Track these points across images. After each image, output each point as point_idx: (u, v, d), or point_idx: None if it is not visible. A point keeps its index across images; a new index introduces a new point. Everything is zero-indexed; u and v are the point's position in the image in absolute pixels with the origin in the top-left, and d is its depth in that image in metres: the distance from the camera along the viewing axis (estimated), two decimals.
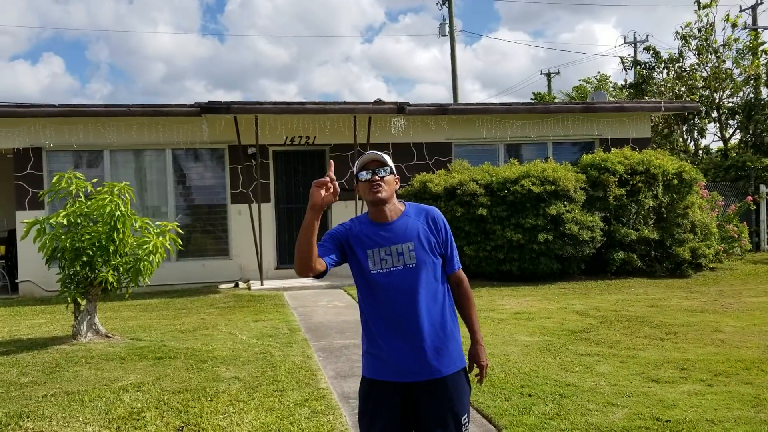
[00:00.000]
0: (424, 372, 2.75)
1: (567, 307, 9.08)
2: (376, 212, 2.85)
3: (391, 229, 2.83)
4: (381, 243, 2.81)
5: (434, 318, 2.78)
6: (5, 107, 12.04)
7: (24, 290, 11.85)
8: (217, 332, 8.00)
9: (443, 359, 2.78)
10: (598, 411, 4.78)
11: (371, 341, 2.83)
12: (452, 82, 27.96)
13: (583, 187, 11.75)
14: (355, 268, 2.87)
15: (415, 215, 2.89)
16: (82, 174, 7.75)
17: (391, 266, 2.78)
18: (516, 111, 13.77)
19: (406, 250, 2.79)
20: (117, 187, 7.40)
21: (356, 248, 2.83)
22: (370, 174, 2.81)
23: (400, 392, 2.76)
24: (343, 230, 2.89)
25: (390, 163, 2.87)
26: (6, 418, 4.97)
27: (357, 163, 2.88)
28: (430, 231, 2.86)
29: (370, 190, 2.81)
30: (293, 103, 12.34)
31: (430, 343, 2.75)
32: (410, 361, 2.74)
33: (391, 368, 2.76)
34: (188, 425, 4.75)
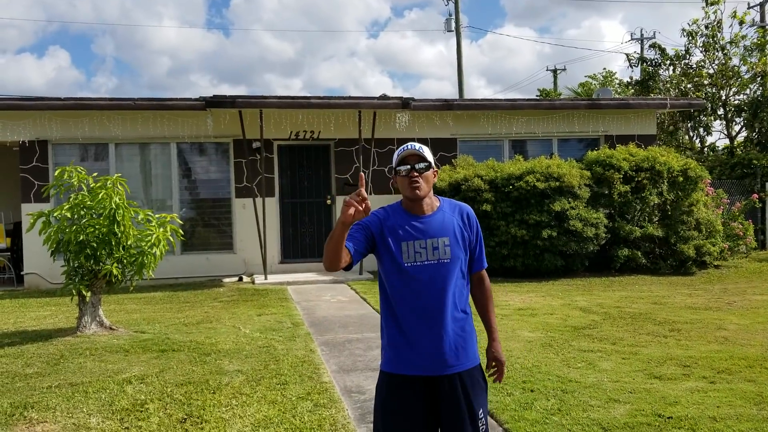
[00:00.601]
0: (446, 367, 2.76)
1: (570, 303, 9.08)
2: (413, 205, 2.84)
3: (428, 223, 2.82)
4: (417, 236, 2.79)
5: (459, 314, 2.81)
6: (11, 100, 12.07)
7: (29, 282, 11.90)
8: (221, 326, 8.03)
9: (463, 355, 2.80)
10: (600, 407, 4.78)
11: (396, 334, 2.81)
12: (458, 78, 27.92)
13: (587, 184, 11.73)
14: (387, 260, 2.82)
15: (450, 210, 2.89)
16: (83, 168, 7.76)
17: (426, 260, 2.77)
18: (521, 107, 13.75)
19: (442, 244, 2.79)
20: (110, 180, 7.42)
21: (390, 240, 2.80)
22: (409, 169, 2.78)
23: (423, 387, 2.76)
24: (376, 221, 2.85)
25: (429, 156, 2.83)
26: (11, 408, 5.01)
27: (395, 156, 2.84)
28: (463, 227, 2.86)
29: (409, 186, 2.79)
30: (298, 97, 12.33)
31: (453, 338, 2.77)
32: (434, 356, 2.75)
33: (415, 362, 2.76)
34: (191, 417, 4.78)
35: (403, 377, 2.77)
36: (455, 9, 28.04)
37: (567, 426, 4.42)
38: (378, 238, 2.82)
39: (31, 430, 4.60)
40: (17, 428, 4.62)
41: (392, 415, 2.76)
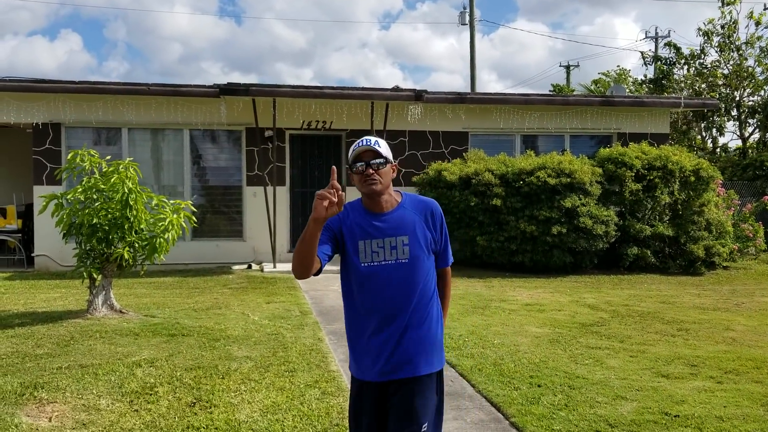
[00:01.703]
0: (397, 371, 2.66)
1: (578, 300, 9.07)
2: (370, 203, 2.72)
3: (386, 221, 2.69)
4: (374, 234, 2.67)
5: (421, 316, 2.68)
6: (25, 82, 12.11)
7: (39, 264, 11.99)
8: (230, 312, 8.07)
9: (422, 360, 2.68)
10: (606, 404, 4.79)
11: (354, 338, 2.73)
12: (470, 72, 27.83)
13: (599, 181, 11.69)
14: (344, 260, 2.72)
15: (412, 207, 2.75)
16: (96, 152, 7.79)
17: (383, 260, 2.65)
18: (534, 102, 13.71)
19: (400, 243, 2.66)
20: (122, 164, 7.45)
21: (347, 238, 2.69)
22: (364, 166, 2.65)
23: (379, 392, 2.70)
24: (336, 219, 2.72)
25: (386, 152, 2.69)
26: (21, 388, 5.06)
27: (351, 152, 2.69)
28: (426, 225, 2.73)
29: (365, 183, 2.66)
30: (311, 87, 12.34)
31: (409, 343, 2.65)
32: (388, 360, 2.65)
33: (372, 366, 2.67)
34: (200, 401, 4.82)
35: (364, 383, 2.72)
36: (470, 2, 27.92)
37: (574, 421, 4.44)
38: (338, 236, 2.71)
39: (41, 410, 4.65)
40: (27, 408, 4.67)
41: (357, 419, 2.73)
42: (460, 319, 7.75)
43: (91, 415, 4.54)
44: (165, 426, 4.35)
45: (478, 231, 11.62)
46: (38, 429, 4.29)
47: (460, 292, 9.67)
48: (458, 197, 11.67)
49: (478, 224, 11.65)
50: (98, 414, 4.56)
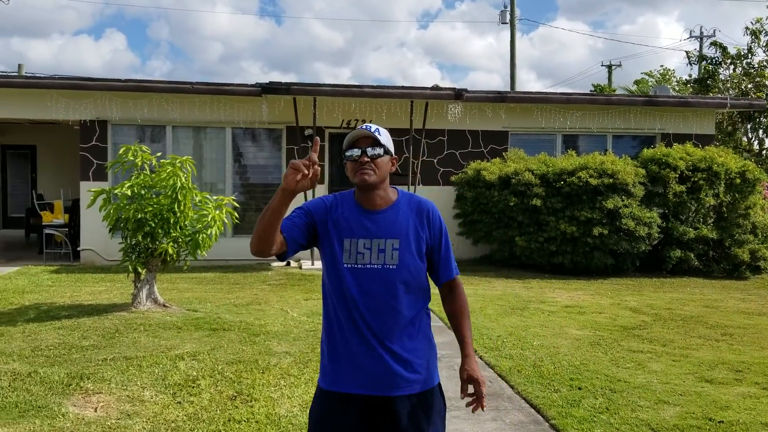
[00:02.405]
0: (390, 387, 2.36)
1: (620, 303, 8.95)
2: (362, 197, 2.44)
3: (377, 220, 2.41)
4: (361, 233, 2.39)
5: (408, 327, 2.40)
6: (74, 80, 12.40)
7: (85, 258, 12.28)
8: (269, 308, 8.16)
9: (413, 375, 2.39)
10: (649, 408, 4.72)
11: (333, 346, 2.43)
12: (510, 71, 27.63)
13: (642, 182, 11.50)
14: (327, 256, 2.43)
15: (407, 207, 2.46)
16: (147, 147, 7.95)
17: (368, 262, 2.36)
18: (576, 101, 13.55)
19: (390, 247, 2.38)
20: (179, 160, 7.58)
21: (333, 232, 2.41)
22: (359, 153, 2.37)
23: (363, 406, 2.38)
24: (322, 207, 2.45)
25: (385, 141, 2.41)
26: (68, 378, 5.19)
27: (346, 139, 2.41)
28: (421, 229, 2.44)
29: (357, 172, 2.37)
30: (351, 86, 12.40)
31: (403, 355, 2.38)
32: (376, 374, 2.36)
33: (353, 379, 2.37)
34: (241, 395, 4.89)
35: (340, 395, 2.38)
36: (511, 1, 27.71)
37: (615, 425, 4.38)
38: (320, 228, 2.42)
39: (87, 400, 4.77)
40: (74, 398, 4.79)
41: None
42: (498, 320, 7.71)
43: (136, 406, 4.64)
44: (207, 418, 4.42)
45: (517, 231, 11.53)
46: (84, 419, 4.40)
47: (498, 292, 9.61)
48: (497, 197, 11.61)
49: (517, 224, 11.56)
50: (142, 405, 4.66)
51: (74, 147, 13.33)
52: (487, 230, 12.00)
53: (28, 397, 4.77)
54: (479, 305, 8.56)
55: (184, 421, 4.37)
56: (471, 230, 12.41)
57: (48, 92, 12.06)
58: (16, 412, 4.49)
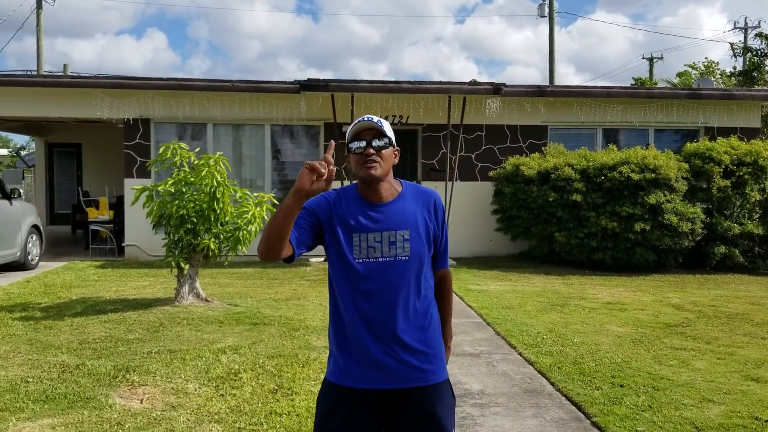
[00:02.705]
0: (405, 380, 2.34)
1: (662, 299, 8.80)
2: (368, 190, 2.39)
3: (385, 212, 2.38)
4: (371, 227, 2.35)
5: (422, 319, 2.39)
6: (118, 79, 12.67)
7: (129, 254, 12.55)
8: (308, 303, 8.24)
9: (427, 366, 2.37)
10: (693, 406, 4.65)
11: (344, 341, 2.38)
12: (549, 65, 27.33)
13: (685, 177, 11.28)
14: (334, 254, 2.39)
15: (413, 198, 2.44)
16: (186, 145, 8.09)
17: (380, 256, 2.34)
18: (617, 95, 13.34)
19: (401, 238, 2.35)
20: (213, 158, 7.69)
21: (339, 230, 2.37)
22: (364, 145, 2.34)
23: (375, 401, 2.34)
24: (325, 205, 2.40)
25: (389, 132, 2.38)
26: (114, 370, 5.33)
27: (349, 130, 2.38)
28: (429, 218, 2.42)
29: (363, 165, 2.33)
30: (389, 82, 12.41)
31: (417, 347, 2.35)
32: (390, 368, 2.32)
33: (365, 374, 2.34)
34: (282, 388, 4.95)
35: (349, 390, 2.34)
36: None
37: (658, 423, 4.32)
38: (326, 226, 2.39)
39: (133, 392, 4.88)
40: (120, 390, 4.92)
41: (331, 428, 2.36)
42: (537, 316, 7.66)
43: (180, 398, 4.74)
44: (249, 411, 4.50)
45: (557, 227, 11.42)
46: (130, 410, 4.51)
47: (538, 289, 9.54)
48: (536, 192, 11.51)
49: (556, 220, 11.45)
50: (186, 397, 4.76)
51: (118, 145, 13.62)
52: (526, 226, 11.91)
53: (77, 388, 4.91)
54: (518, 301, 8.51)
55: (227, 414, 4.45)
56: (509, 226, 12.32)
57: (93, 91, 12.34)
58: (65, 402, 4.62)
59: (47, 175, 19.10)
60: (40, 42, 25.67)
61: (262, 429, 4.19)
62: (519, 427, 4.34)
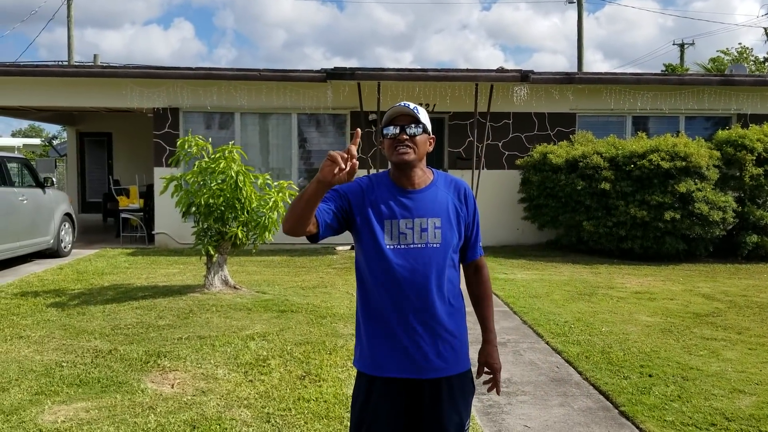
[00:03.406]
0: (431, 370, 2.36)
1: (692, 289, 8.69)
2: (400, 176, 2.40)
3: (417, 199, 2.39)
4: (403, 214, 2.36)
5: (448, 308, 2.39)
6: (147, 68, 12.80)
7: (159, 241, 12.72)
8: (335, 291, 8.29)
9: (452, 356, 2.39)
10: (723, 396, 4.60)
11: (373, 330, 2.39)
12: (577, 51, 26.96)
13: (716, 165, 11.09)
14: (365, 240, 2.38)
15: (444, 186, 2.45)
16: (210, 136, 8.15)
17: (411, 242, 2.34)
18: (647, 82, 13.13)
19: (432, 226, 2.36)
20: (227, 149, 7.75)
21: (372, 215, 2.36)
22: (398, 130, 2.34)
23: (403, 391, 2.36)
24: (358, 190, 2.40)
25: (424, 118, 2.39)
26: (146, 356, 5.43)
27: (385, 116, 2.39)
28: (460, 207, 2.44)
29: (396, 150, 2.34)
30: (415, 69, 12.36)
31: (441, 337, 2.36)
32: (417, 356, 2.34)
33: (395, 363, 2.35)
34: (309, 375, 5.01)
35: (381, 379, 2.36)
36: None
37: (687, 413, 4.29)
38: (357, 211, 2.38)
39: (164, 377, 4.97)
40: (152, 375, 5.01)
41: (370, 422, 2.37)
42: (565, 305, 7.62)
43: (210, 384, 4.81)
44: (278, 396, 4.55)
45: (585, 216, 11.32)
46: (162, 395, 4.59)
47: (565, 278, 9.48)
48: (564, 181, 11.41)
49: (584, 209, 11.34)
50: (216, 383, 4.83)
51: (148, 134, 13.79)
52: (554, 215, 11.82)
53: (109, 373, 5.01)
54: (545, 290, 8.47)
55: (256, 399, 4.51)
56: (536, 215, 12.25)
57: (123, 81, 12.49)
58: (98, 387, 4.73)
59: (79, 164, 19.42)
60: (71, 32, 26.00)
61: (291, 415, 4.24)
62: (546, 416, 4.33)
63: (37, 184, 10.82)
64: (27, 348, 5.68)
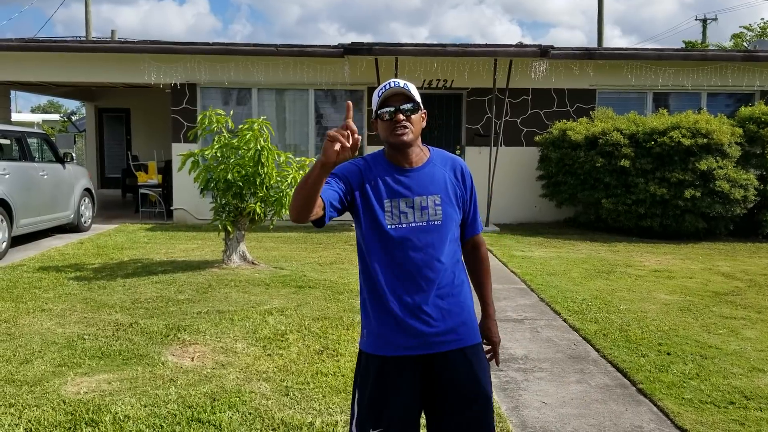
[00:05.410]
0: (443, 343, 2.34)
1: (712, 268, 8.62)
2: (397, 156, 2.39)
3: (415, 177, 2.38)
4: (402, 193, 2.35)
5: (455, 282, 2.39)
6: (165, 44, 12.78)
7: (177, 217, 12.81)
8: (352, 267, 8.32)
9: (462, 329, 2.38)
10: (742, 375, 4.58)
11: (379, 310, 2.36)
12: (597, 27, 26.56)
13: (738, 142, 10.93)
14: (366, 221, 2.37)
15: (441, 163, 2.45)
16: (222, 110, 8.09)
17: (412, 221, 2.33)
18: (669, 57, 12.93)
19: (432, 203, 2.35)
20: (257, 123, 7.73)
21: (372, 196, 2.35)
22: (393, 111, 2.32)
23: (414, 368, 2.34)
24: (356, 171, 2.39)
25: (417, 96, 2.35)
26: (166, 329, 5.49)
27: (375, 95, 2.35)
28: (456, 184, 2.43)
29: (393, 132, 2.32)
30: (433, 45, 12.26)
31: (448, 312, 2.35)
32: (427, 332, 2.32)
33: (404, 341, 2.32)
34: (327, 350, 5.04)
35: (388, 359, 2.34)
36: None
37: (706, 391, 4.28)
38: (357, 192, 2.36)
39: (184, 350, 5.03)
40: (172, 348, 5.07)
41: (383, 403, 2.33)
42: (582, 283, 7.59)
43: (229, 357, 4.87)
44: (296, 371, 4.59)
45: (604, 193, 11.23)
46: (182, 367, 4.65)
47: (583, 255, 9.44)
48: (583, 158, 11.31)
49: (603, 186, 11.25)
50: (235, 356, 4.89)
51: (166, 110, 13.81)
52: (572, 192, 11.74)
53: (131, 346, 5.08)
54: (563, 268, 8.44)
55: (275, 373, 4.56)
56: (555, 192, 12.17)
57: (141, 56, 12.50)
58: (120, 359, 4.80)
59: (97, 140, 19.54)
60: (89, 8, 26.01)
61: (309, 388, 4.28)
62: (563, 392, 4.34)
63: (57, 160, 10.91)
64: (49, 321, 5.77)
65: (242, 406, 3.97)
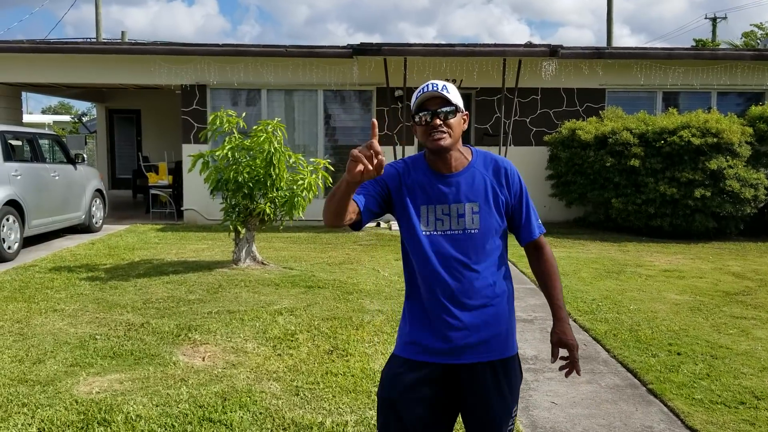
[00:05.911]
0: (474, 354, 2.26)
1: (722, 267, 8.59)
2: (436, 160, 2.30)
3: (454, 183, 2.29)
4: (439, 199, 2.28)
5: (490, 293, 2.29)
6: (175, 45, 12.85)
7: (188, 217, 12.87)
8: (361, 267, 8.34)
9: (495, 342, 2.29)
10: (753, 375, 4.56)
11: (416, 314, 2.33)
12: (606, 25, 26.46)
13: (749, 141, 10.88)
14: (404, 225, 2.32)
15: (483, 166, 2.33)
16: (234, 111, 8.12)
17: (448, 229, 2.26)
18: (679, 56, 12.88)
19: (469, 211, 2.26)
20: (271, 124, 7.76)
21: (408, 201, 2.29)
22: (430, 115, 2.22)
23: (441, 376, 2.28)
24: (394, 174, 2.32)
25: (456, 98, 2.24)
26: (177, 329, 5.53)
27: (414, 98, 2.27)
28: (500, 189, 2.31)
29: (430, 136, 2.23)
30: (442, 45, 12.27)
31: (483, 323, 2.27)
32: (458, 343, 2.25)
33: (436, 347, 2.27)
34: (337, 350, 5.06)
35: (416, 363, 2.28)
36: None
37: (716, 391, 4.27)
38: (395, 196, 2.31)
39: (195, 350, 5.06)
40: (183, 347, 5.10)
41: (406, 408, 2.27)
42: (593, 283, 7.58)
43: (240, 357, 4.89)
44: (306, 370, 4.62)
45: (614, 193, 11.20)
46: (193, 367, 4.68)
47: (593, 255, 9.42)
48: (593, 157, 11.29)
49: (613, 186, 11.22)
50: (245, 356, 4.91)
51: (176, 111, 13.89)
52: (582, 192, 11.72)
53: (142, 345, 5.12)
54: (572, 268, 8.43)
55: (285, 372, 4.58)
56: (564, 192, 12.15)
57: (151, 58, 12.57)
58: (131, 359, 4.83)
59: (108, 141, 19.66)
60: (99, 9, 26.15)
61: (319, 388, 4.30)
62: (573, 393, 4.34)
63: (68, 161, 10.98)
64: (61, 321, 5.82)
65: (253, 406, 3.99)
